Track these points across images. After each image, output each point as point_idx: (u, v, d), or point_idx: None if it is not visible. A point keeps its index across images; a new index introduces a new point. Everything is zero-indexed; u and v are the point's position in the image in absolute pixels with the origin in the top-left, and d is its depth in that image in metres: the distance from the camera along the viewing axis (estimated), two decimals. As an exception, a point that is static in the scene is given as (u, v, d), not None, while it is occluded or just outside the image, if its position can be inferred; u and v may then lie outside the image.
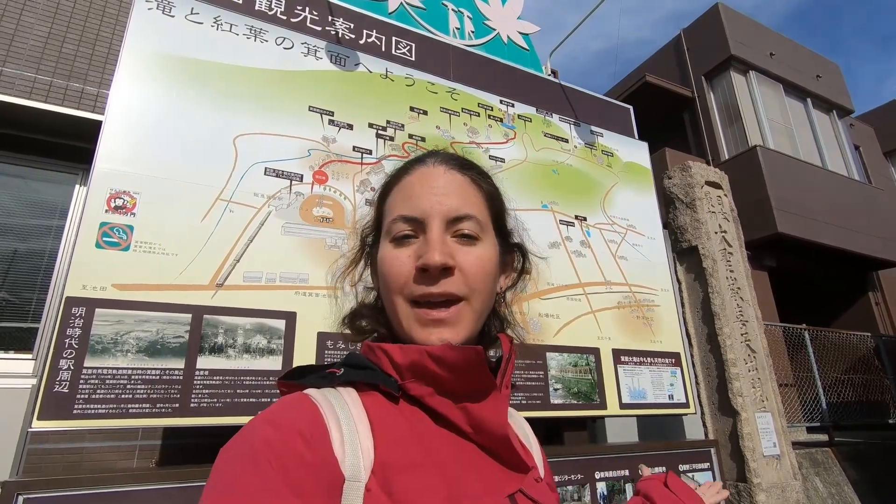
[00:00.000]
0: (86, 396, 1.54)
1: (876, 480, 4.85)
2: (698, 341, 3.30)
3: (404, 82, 2.62)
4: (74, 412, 1.51)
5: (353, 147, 2.32)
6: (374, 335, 0.63)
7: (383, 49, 2.72)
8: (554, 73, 3.97)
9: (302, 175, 2.15)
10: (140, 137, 1.89)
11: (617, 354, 2.65)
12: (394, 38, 2.78)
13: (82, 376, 1.55)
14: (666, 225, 3.51)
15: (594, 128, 3.26)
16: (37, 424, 1.47)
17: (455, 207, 0.57)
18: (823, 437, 5.47)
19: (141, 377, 1.62)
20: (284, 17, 2.46)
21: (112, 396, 1.57)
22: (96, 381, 1.56)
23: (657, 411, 2.71)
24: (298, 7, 2.53)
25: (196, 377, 1.70)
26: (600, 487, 2.23)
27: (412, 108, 2.58)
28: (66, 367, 1.54)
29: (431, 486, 0.47)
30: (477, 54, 3.09)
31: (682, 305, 3.36)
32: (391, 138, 2.44)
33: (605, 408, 2.51)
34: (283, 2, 2.49)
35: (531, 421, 0.76)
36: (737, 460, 2.91)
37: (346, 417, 0.49)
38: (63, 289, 1.62)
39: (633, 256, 3.00)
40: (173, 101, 2.00)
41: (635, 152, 3.40)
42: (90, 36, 3.46)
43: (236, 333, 1.80)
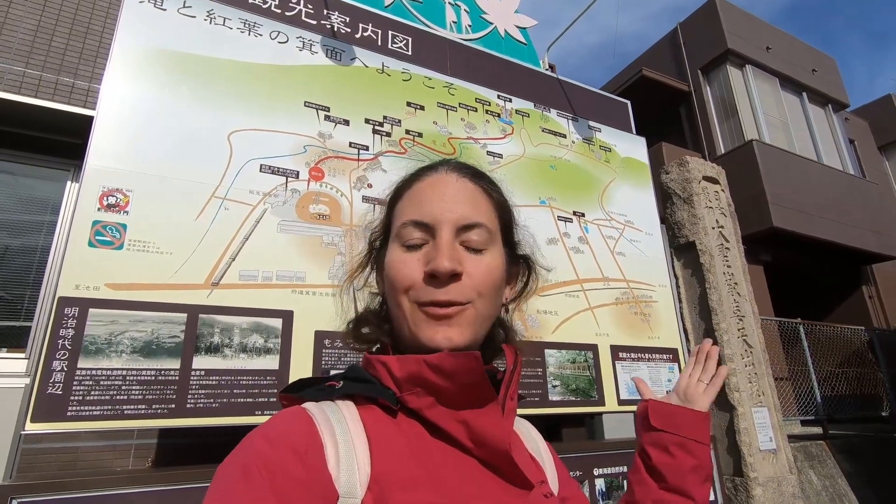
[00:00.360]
0: (80, 398, 1.52)
1: (869, 473, 4.90)
2: (695, 337, 3.30)
3: (401, 77, 2.59)
4: (69, 414, 1.49)
5: (350, 143, 2.29)
6: (376, 346, 0.62)
7: (379, 43, 2.69)
8: (552, 67, 3.95)
9: (298, 172, 2.12)
10: (132, 134, 1.86)
11: (615, 351, 2.65)
12: (390, 32, 2.74)
13: (76, 377, 1.53)
14: (663, 220, 3.50)
15: (592, 123, 3.24)
16: (30, 427, 1.44)
17: (466, 215, 0.57)
18: (818, 431, 5.52)
19: (136, 378, 1.60)
20: (279, 11, 2.42)
21: (107, 398, 1.55)
22: (90, 383, 1.54)
23: (655, 407, 2.70)
24: (293, 0, 2.49)
25: (192, 377, 1.68)
26: (599, 484, 2.23)
27: (409, 104, 2.55)
28: (59, 369, 1.52)
29: (427, 501, 0.46)
30: (474, 48, 3.05)
31: (680, 301, 3.36)
32: (388, 134, 2.42)
33: (604, 404, 2.50)
34: (278, -5, 2.45)
35: (530, 418, 0.75)
36: (733, 455, 2.92)
37: (342, 432, 0.48)
38: (56, 288, 1.59)
39: (630, 252, 2.99)
40: (166, 97, 1.96)
41: (633, 147, 3.38)
42: (80, 29, 3.40)
43: (232, 333, 1.78)
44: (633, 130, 3.49)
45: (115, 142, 1.82)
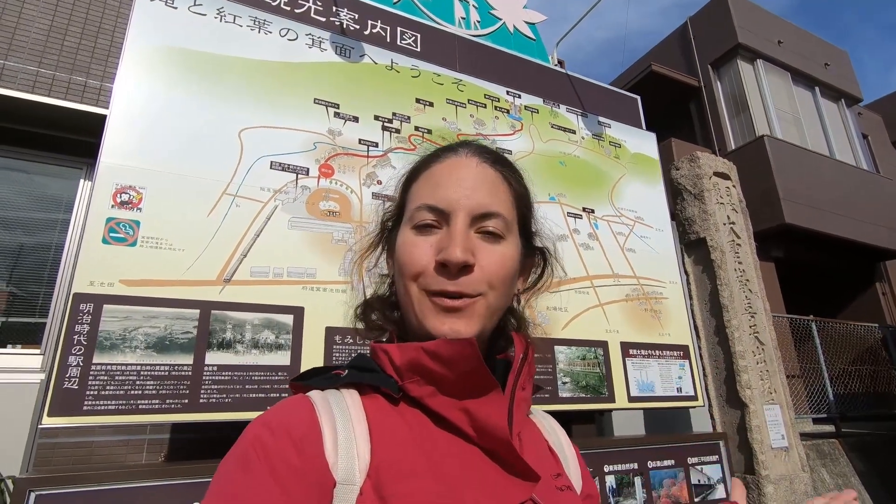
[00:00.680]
0: (95, 392, 1.54)
1: (883, 472, 4.85)
2: (706, 334, 3.28)
3: (410, 73, 2.59)
4: (84, 408, 1.51)
5: (359, 140, 2.30)
6: (382, 333, 0.62)
7: (388, 40, 2.68)
8: (560, 63, 3.92)
9: (308, 168, 2.13)
10: (145, 131, 1.87)
11: (625, 347, 2.64)
12: (399, 29, 2.74)
13: (91, 372, 1.55)
14: (673, 216, 3.47)
15: (602, 119, 3.22)
16: (47, 421, 1.46)
17: (483, 203, 0.55)
18: (830, 429, 5.46)
19: (150, 373, 1.62)
20: (288, 8, 2.43)
21: (121, 392, 1.57)
22: (105, 378, 1.56)
23: (666, 404, 2.70)
24: (302, -3, 2.50)
25: (205, 373, 1.69)
26: (609, 481, 2.23)
27: (418, 100, 2.55)
28: (75, 364, 1.54)
29: (427, 490, 0.46)
30: (483, 44, 3.04)
31: (690, 298, 3.33)
32: (397, 130, 2.42)
33: (614, 401, 2.50)
34: (287, -8, 2.46)
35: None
36: (745, 453, 2.90)
37: (343, 420, 0.48)
38: (70, 285, 1.61)
39: (641, 249, 2.97)
40: (178, 95, 1.97)
41: (643, 143, 3.36)
42: (92, 28, 3.43)
43: (244, 329, 1.80)
44: (644, 126, 3.46)
45: (128, 139, 1.83)
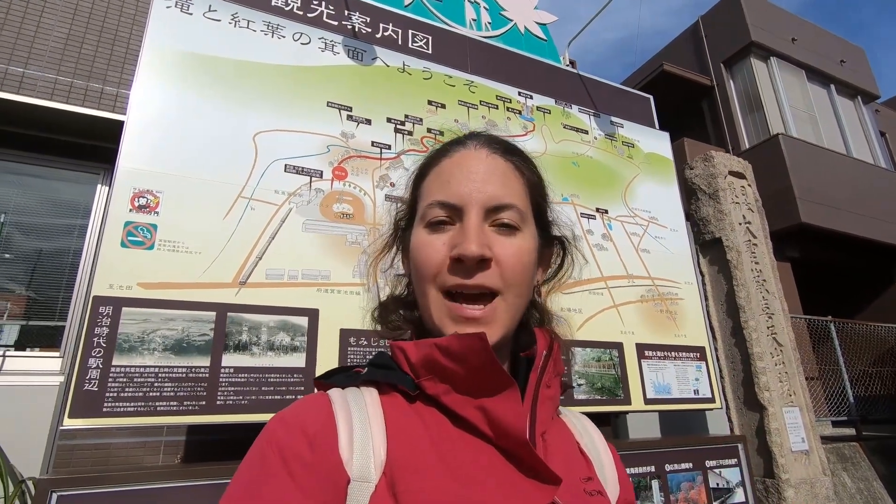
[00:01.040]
0: (115, 394, 1.55)
1: (906, 475, 4.74)
2: (723, 335, 3.23)
3: (421, 76, 2.60)
4: (104, 410, 1.53)
5: (372, 142, 2.31)
6: (400, 332, 0.61)
7: (400, 42, 2.69)
8: (572, 63, 3.91)
9: (322, 171, 2.14)
10: (161, 136, 1.90)
11: (640, 349, 2.61)
12: (410, 32, 2.75)
13: (111, 374, 1.56)
14: (688, 216, 3.43)
15: (614, 118, 3.20)
16: (68, 422, 1.48)
17: (496, 195, 0.54)
18: (850, 432, 5.35)
19: (168, 375, 1.64)
20: (301, 13, 2.45)
21: (140, 394, 1.58)
22: (124, 380, 1.58)
23: (682, 406, 2.66)
24: (314, 2, 2.52)
25: (221, 375, 1.70)
26: (626, 484, 2.20)
27: (430, 102, 2.55)
28: (94, 366, 1.55)
29: (441, 489, 0.45)
30: (494, 46, 3.04)
31: (706, 298, 3.29)
32: (410, 133, 2.42)
33: (630, 403, 2.47)
34: (300, -3, 2.48)
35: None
36: (764, 456, 2.85)
37: (360, 417, 0.48)
38: (90, 288, 1.64)
39: (655, 249, 2.95)
40: (193, 99, 2.00)
41: (656, 143, 3.33)
42: (108, 36, 3.49)
43: (260, 331, 1.81)
44: (657, 126, 3.43)
45: (145, 144, 1.86)
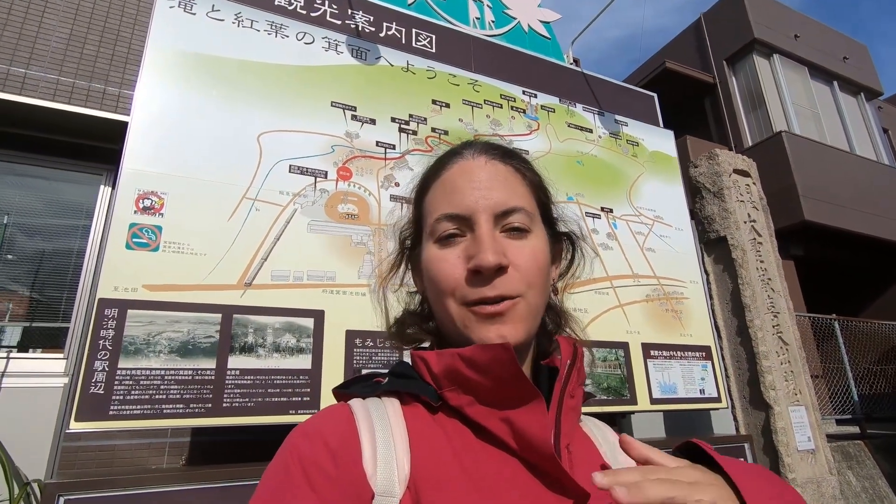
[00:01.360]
0: (121, 397, 1.55)
1: (911, 474, 4.72)
2: (728, 334, 3.22)
3: (426, 75, 2.58)
4: (111, 413, 1.52)
5: (377, 142, 2.29)
6: (420, 343, 0.61)
7: (403, 41, 2.68)
8: (576, 61, 3.89)
9: (326, 171, 2.13)
10: (165, 137, 1.89)
11: (646, 348, 2.60)
12: (414, 31, 2.73)
13: (117, 377, 1.56)
14: (692, 215, 3.42)
15: (618, 117, 3.18)
16: (74, 426, 1.48)
17: (502, 200, 0.53)
18: (855, 430, 5.34)
19: (174, 377, 1.63)
20: (304, 12, 2.44)
21: (146, 397, 1.58)
22: (130, 382, 1.57)
23: (688, 406, 2.65)
24: (318, 1, 2.50)
25: (227, 377, 1.70)
26: (633, 484, 2.19)
27: (434, 101, 2.54)
28: (100, 369, 1.55)
29: (464, 503, 0.44)
30: (498, 44, 3.03)
31: (711, 297, 3.28)
32: (414, 132, 2.41)
33: (636, 403, 2.46)
34: (303, -4, 2.47)
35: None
36: (770, 455, 2.84)
37: (383, 428, 0.47)
38: (94, 290, 1.63)
39: (660, 248, 2.93)
40: (197, 100, 1.99)
41: (661, 141, 3.31)
42: (110, 36, 3.47)
43: (265, 332, 1.80)
44: (661, 124, 3.42)
45: (150, 145, 1.85)
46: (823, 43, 9.05)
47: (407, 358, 0.61)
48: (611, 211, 2.84)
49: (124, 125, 1.84)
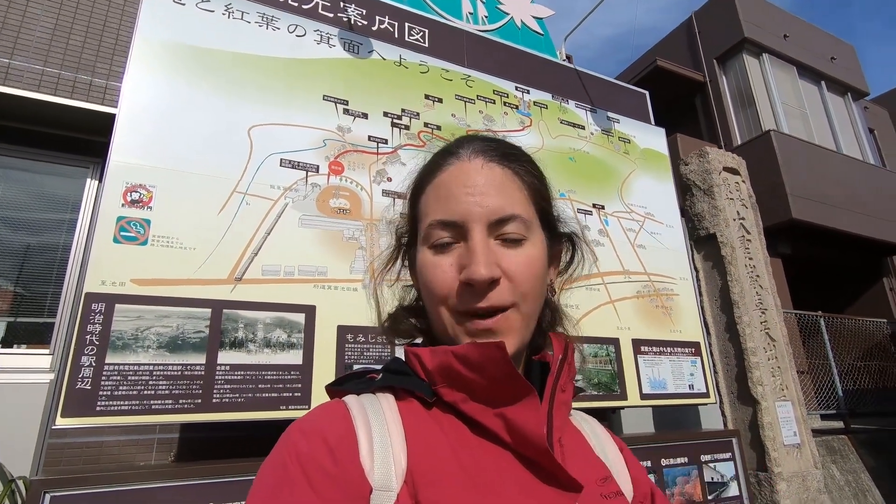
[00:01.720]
0: (108, 393, 1.52)
1: (893, 467, 4.82)
2: (716, 330, 3.25)
3: (418, 69, 2.57)
4: (98, 409, 1.50)
5: (369, 136, 2.28)
6: (413, 339, 0.60)
7: (396, 35, 2.66)
8: (569, 58, 3.89)
9: (318, 166, 2.11)
10: (154, 129, 1.86)
11: (637, 344, 2.62)
12: (407, 25, 2.72)
13: (104, 373, 1.54)
14: (683, 212, 3.45)
15: (610, 114, 3.19)
16: (60, 422, 1.45)
17: (497, 208, 0.52)
18: (839, 425, 5.43)
19: (162, 373, 1.61)
20: (296, 4, 2.41)
21: (134, 393, 1.56)
22: (118, 378, 1.55)
23: (677, 401, 2.68)
24: (309, -7, 2.48)
25: (217, 372, 1.68)
26: (623, 479, 2.21)
27: (427, 96, 2.52)
28: (87, 364, 1.52)
29: (462, 497, 0.44)
30: (491, 40, 3.02)
31: (700, 294, 3.31)
32: (406, 127, 2.40)
33: (626, 398, 2.48)
34: (294, -12, 2.44)
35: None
36: (757, 450, 2.88)
37: (379, 424, 0.47)
38: (81, 284, 1.60)
39: (651, 245, 2.95)
40: (186, 92, 1.96)
41: (652, 138, 3.33)
42: (97, 27, 3.41)
43: (256, 328, 1.78)
44: (652, 121, 3.43)
45: (138, 137, 1.82)
46: (812, 43, 9.15)
47: (400, 354, 0.61)
48: (602, 208, 2.85)
49: (111, 117, 1.81)
